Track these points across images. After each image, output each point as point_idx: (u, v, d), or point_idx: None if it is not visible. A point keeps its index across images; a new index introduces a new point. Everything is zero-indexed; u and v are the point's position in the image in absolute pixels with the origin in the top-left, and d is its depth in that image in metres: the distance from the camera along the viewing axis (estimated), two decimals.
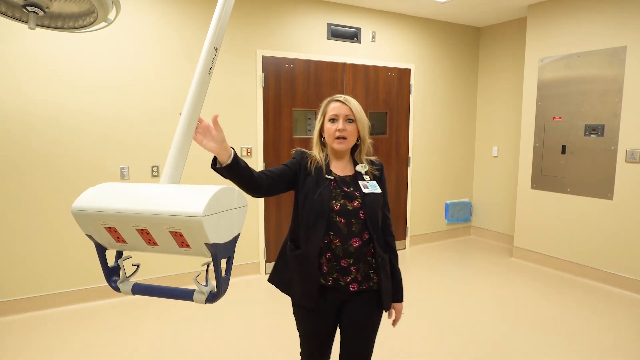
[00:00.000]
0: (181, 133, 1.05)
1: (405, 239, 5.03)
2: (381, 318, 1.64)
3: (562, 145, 4.11)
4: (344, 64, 4.36)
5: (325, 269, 1.54)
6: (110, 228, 0.93)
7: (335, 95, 1.63)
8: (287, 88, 4.08)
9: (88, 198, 0.94)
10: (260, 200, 4.05)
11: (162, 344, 2.78)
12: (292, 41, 4.08)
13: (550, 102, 4.19)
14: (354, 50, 4.43)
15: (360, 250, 1.54)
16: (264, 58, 3.95)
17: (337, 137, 1.56)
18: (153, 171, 3.58)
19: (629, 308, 3.35)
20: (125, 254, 1.04)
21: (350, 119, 1.57)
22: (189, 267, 3.77)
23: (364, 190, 1.56)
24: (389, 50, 4.66)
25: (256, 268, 4.13)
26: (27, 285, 3.23)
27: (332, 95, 1.66)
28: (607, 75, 3.73)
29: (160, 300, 3.38)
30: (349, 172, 1.63)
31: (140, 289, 1.01)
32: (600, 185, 3.83)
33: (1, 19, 2.62)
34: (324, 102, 1.64)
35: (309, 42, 4.17)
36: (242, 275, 4.03)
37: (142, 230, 0.91)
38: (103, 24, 1.34)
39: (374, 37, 4.54)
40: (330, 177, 1.57)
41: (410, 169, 4.98)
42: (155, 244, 0.93)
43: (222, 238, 0.91)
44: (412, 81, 4.84)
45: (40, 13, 1.18)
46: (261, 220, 4.10)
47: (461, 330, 2.98)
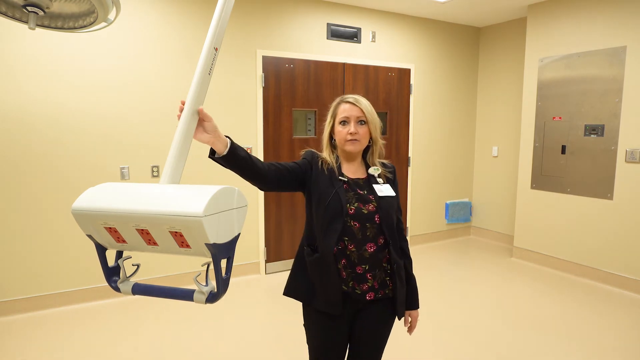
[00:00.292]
0: (181, 133, 1.04)
1: None
2: (393, 325, 1.60)
3: (562, 145, 4.11)
4: (344, 64, 4.36)
5: (344, 274, 1.48)
6: (110, 228, 0.93)
7: (345, 96, 1.56)
8: (287, 88, 4.08)
9: (88, 198, 0.94)
10: (261, 200, 4.05)
11: (162, 344, 2.78)
12: (292, 41, 4.08)
13: (550, 102, 4.19)
14: (354, 50, 4.43)
15: (375, 255, 1.47)
16: (264, 58, 3.95)
17: (349, 140, 1.51)
18: (153, 171, 3.58)
19: (629, 308, 3.35)
20: (125, 254, 1.04)
21: (362, 121, 1.51)
22: (189, 267, 3.78)
23: (379, 194, 1.50)
24: (389, 50, 4.66)
25: (256, 268, 4.14)
26: (27, 285, 3.23)
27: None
28: (607, 75, 3.73)
29: (160, 300, 3.38)
30: (361, 175, 1.57)
31: (140, 289, 1.01)
32: (600, 185, 3.83)
33: (1, 19, 2.62)
34: (334, 103, 1.57)
35: (309, 42, 4.17)
36: (242, 275, 4.03)
37: (142, 230, 0.91)
38: (103, 24, 1.34)
39: (374, 37, 4.54)
40: (343, 179, 1.50)
41: (410, 169, 4.98)
42: (155, 244, 0.93)
43: (222, 238, 0.90)
44: (412, 81, 4.84)
45: (40, 13, 1.19)
46: (261, 220, 4.10)
47: (461, 330, 2.98)
